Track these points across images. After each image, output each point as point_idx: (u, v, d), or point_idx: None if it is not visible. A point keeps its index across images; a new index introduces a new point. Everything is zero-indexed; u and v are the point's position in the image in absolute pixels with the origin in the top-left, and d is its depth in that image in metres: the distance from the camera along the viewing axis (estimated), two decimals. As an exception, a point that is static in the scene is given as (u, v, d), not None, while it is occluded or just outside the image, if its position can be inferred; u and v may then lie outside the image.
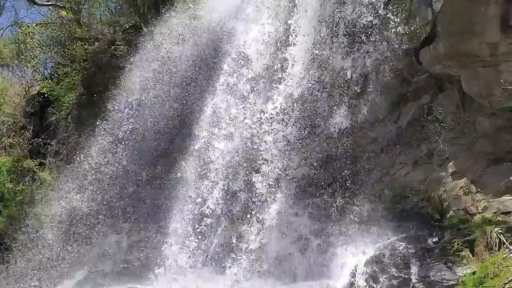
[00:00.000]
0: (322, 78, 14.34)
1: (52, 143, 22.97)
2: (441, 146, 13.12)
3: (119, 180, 17.44)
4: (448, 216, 12.67)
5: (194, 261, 13.69)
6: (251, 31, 15.37)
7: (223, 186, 14.10)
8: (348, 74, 14.42)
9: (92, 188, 17.58)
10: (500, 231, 11.37)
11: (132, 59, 18.67)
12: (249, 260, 13.02)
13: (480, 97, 12.81)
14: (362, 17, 14.20)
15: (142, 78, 17.90)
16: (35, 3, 25.53)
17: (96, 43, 22.70)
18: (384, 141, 14.32)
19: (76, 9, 23.70)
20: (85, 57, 22.15)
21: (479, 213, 12.17)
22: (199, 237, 13.79)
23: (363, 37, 14.19)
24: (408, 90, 14.35)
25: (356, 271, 11.97)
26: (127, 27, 23.93)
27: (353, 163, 14.18)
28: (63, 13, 23.78)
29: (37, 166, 22.15)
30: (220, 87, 15.36)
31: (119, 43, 22.21)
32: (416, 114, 14.03)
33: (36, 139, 23.35)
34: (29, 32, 25.03)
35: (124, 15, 25.15)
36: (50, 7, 25.28)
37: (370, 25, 14.15)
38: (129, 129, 17.49)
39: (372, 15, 14.14)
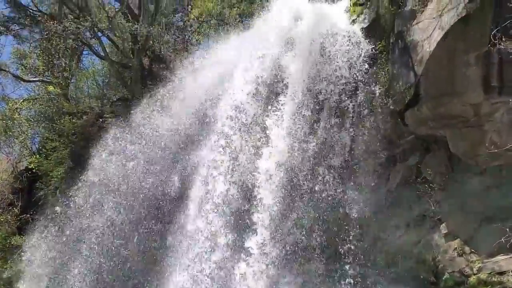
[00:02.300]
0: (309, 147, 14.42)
1: (41, 219, 22.65)
2: (432, 207, 13.06)
3: (108, 254, 17.15)
4: (444, 278, 12.52)
5: None
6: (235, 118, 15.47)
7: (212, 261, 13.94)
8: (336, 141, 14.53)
9: (81, 263, 17.26)
10: (496, 292, 11.25)
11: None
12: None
13: (467, 157, 12.88)
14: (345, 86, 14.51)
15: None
16: (22, 80, 25.70)
17: (84, 117, 22.83)
18: (375, 204, 14.25)
19: (63, 84, 23.91)
20: (73, 131, 22.22)
21: (474, 274, 12.04)
22: None
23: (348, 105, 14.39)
24: (395, 152, 14.40)
25: None
26: (115, 99, 24.16)
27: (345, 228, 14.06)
28: (51, 88, 23.95)
29: (25, 243, 21.74)
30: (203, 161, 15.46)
31: (107, 115, 22.36)
32: (405, 175, 14.02)
33: (24, 215, 23.00)
34: (16, 108, 25.12)
35: (111, 88, 25.48)
36: (38, 82, 25.45)
37: (354, 91, 14.39)
38: (117, 202, 17.33)
39: (355, 81, 14.43)
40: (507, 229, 11.35)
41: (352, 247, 13.84)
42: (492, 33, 11.29)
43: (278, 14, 16.30)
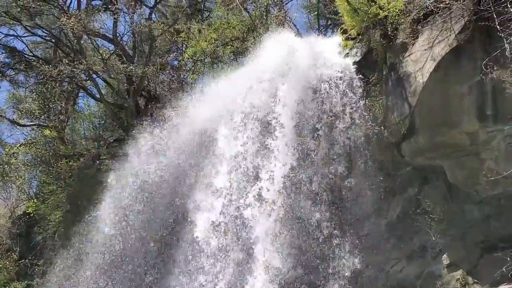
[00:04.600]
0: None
1: (40, 263, 22.44)
2: (433, 239, 12.96)
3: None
4: (448, 309, 12.40)
5: None
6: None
7: None
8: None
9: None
10: (501, 322, 11.12)
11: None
12: None
13: (466, 186, 12.87)
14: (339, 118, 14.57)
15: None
16: (18, 124, 25.67)
17: (81, 159, 22.74)
18: (376, 237, 14.15)
19: (59, 127, 23.85)
20: (70, 174, 22.11)
21: (478, 304, 11.94)
22: None
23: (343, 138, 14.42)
24: (393, 184, 14.35)
25: None
26: (112, 141, 24.15)
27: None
28: (47, 131, 23.94)
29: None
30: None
31: (104, 157, 22.29)
32: (404, 207, 13.94)
33: (22, 261, 22.75)
34: (13, 153, 25.02)
35: (107, 129, 25.47)
36: (34, 126, 25.44)
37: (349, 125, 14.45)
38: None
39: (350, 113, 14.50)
40: (508, 258, 11.27)
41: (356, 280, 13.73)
42: (484, 62, 11.39)
43: (270, 51, 16.37)
